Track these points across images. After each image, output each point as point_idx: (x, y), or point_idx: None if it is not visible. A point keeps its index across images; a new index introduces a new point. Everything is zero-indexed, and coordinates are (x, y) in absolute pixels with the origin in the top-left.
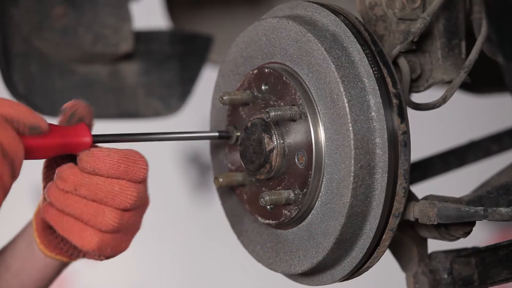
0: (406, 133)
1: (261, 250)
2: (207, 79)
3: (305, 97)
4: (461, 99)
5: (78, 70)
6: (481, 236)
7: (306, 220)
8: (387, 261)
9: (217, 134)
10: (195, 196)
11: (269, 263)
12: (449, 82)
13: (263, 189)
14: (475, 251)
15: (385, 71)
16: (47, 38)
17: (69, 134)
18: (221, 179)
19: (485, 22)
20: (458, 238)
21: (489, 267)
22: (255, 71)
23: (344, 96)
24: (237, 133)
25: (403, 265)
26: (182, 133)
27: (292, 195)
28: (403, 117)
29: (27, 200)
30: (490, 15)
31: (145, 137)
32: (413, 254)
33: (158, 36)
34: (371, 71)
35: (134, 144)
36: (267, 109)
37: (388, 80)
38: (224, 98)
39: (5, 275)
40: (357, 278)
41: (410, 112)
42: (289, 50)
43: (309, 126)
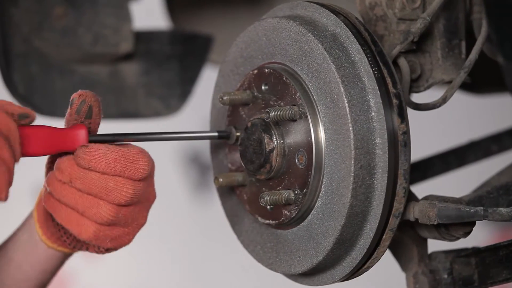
0: (406, 133)
1: (261, 250)
2: (207, 79)
3: (305, 97)
4: (461, 99)
5: (78, 70)
6: (481, 236)
7: (306, 220)
8: (387, 261)
9: (217, 134)
10: (195, 196)
11: (269, 263)
12: (449, 82)
13: (263, 189)
14: (475, 251)
15: (385, 71)
16: (47, 38)
17: (66, 131)
18: (221, 179)
19: (485, 22)
20: (458, 238)
21: (489, 267)
22: (255, 71)
23: (344, 96)
24: (237, 133)
25: (403, 265)
26: (182, 133)
27: (292, 195)
28: (403, 117)
29: (27, 200)
30: (490, 15)
31: (145, 137)
32: (413, 254)
33: (158, 36)
34: (371, 71)
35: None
36: (267, 109)
37: (388, 80)
38: (224, 98)
39: (7, 268)
40: (357, 278)
41: (410, 112)
42: (289, 50)
43: (309, 126)
